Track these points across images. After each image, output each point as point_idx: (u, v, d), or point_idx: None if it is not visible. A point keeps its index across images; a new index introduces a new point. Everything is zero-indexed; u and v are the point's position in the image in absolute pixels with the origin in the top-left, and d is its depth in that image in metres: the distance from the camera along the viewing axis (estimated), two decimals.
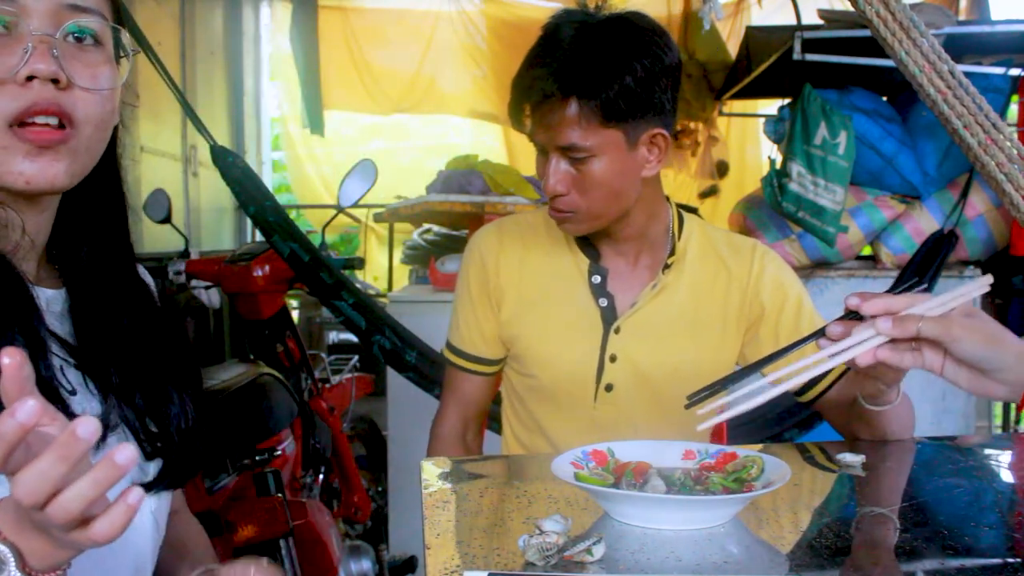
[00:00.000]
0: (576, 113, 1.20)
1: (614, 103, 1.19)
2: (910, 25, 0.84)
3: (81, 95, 0.78)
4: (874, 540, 0.90)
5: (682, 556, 0.82)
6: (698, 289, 1.37)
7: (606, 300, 1.36)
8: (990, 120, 0.83)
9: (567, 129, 1.21)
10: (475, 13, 4.70)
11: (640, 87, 1.20)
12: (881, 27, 0.84)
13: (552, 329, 1.38)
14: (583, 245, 1.39)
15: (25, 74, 0.74)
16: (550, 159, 1.26)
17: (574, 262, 1.39)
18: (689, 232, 1.40)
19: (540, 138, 1.26)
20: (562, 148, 1.23)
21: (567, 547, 0.80)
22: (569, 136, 1.21)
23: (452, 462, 1.18)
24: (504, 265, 1.42)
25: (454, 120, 5.24)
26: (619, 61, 1.20)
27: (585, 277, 1.37)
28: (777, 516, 0.97)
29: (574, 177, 1.25)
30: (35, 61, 0.74)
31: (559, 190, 1.26)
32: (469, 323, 1.44)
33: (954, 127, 0.84)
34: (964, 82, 0.83)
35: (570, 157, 1.24)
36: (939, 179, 2.92)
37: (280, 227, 2.25)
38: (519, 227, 1.45)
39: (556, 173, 1.25)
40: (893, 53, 0.85)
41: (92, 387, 0.84)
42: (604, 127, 1.21)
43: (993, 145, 0.82)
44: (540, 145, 1.27)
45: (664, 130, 1.27)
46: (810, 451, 1.23)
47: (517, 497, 1.04)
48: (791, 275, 1.41)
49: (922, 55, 0.83)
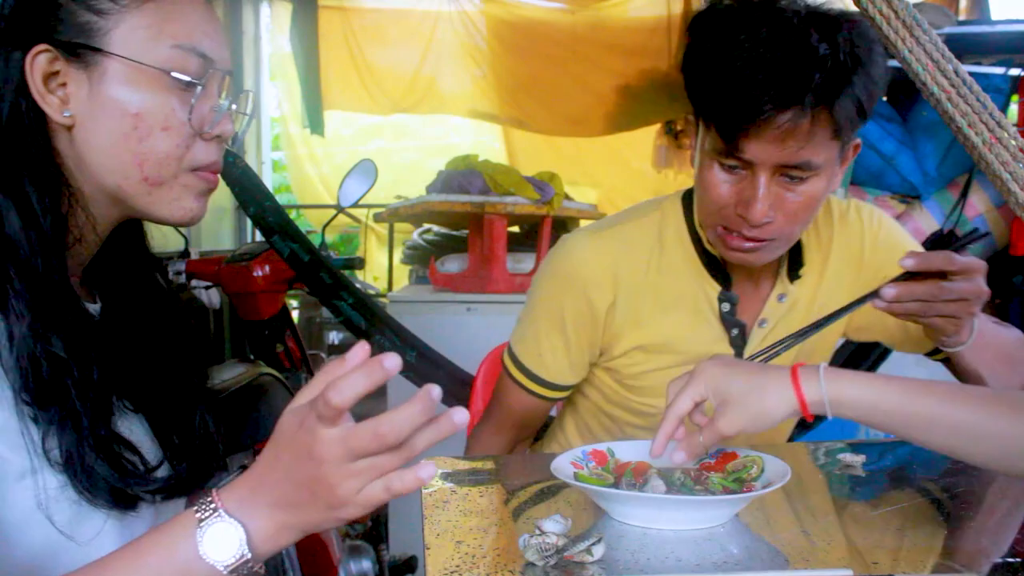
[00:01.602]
0: (820, 125, 1.02)
1: (849, 114, 1.02)
2: (913, 24, 0.84)
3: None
4: (875, 540, 0.89)
5: (682, 556, 0.82)
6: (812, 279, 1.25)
7: (736, 330, 1.22)
8: (994, 118, 0.82)
9: (804, 144, 1.02)
10: (475, 13, 4.70)
11: (871, 96, 1.03)
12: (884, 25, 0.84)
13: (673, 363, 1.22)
14: (712, 268, 1.21)
15: (216, 133, 0.85)
16: (758, 179, 1.05)
17: (701, 288, 1.22)
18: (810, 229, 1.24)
19: (756, 154, 1.04)
20: (787, 166, 1.05)
21: (567, 547, 0.80)
22: (804, 153, 1.03)
23: (452, 462, 1.18)
24: (621, 305, 1.22)
25: (454, 120, 5.23)
26: (864, 58, 1.01)
27: (715, 306, 1.21)
28: (777, 516, 0.96)
29: (785, 200, 1.07)
30: (226, 123, 0.85)
31: (770, 215, 1.07)
32: (556, 352, 1.26)
33: (958, 125, 0.84)
34: (968, 80, 0.83)
35: (788, 176, 1.06)
36: (939, 179, 2.92)
37: (280, 227, 2.25)
38: (626, 243, 1.23)
39: (768, 196, 1.06)
40: (896, 52, 0.85)
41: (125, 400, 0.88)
42: (832, 140, 1.05)
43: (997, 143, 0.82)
44: (747, 161, 1.06)
45: (859, 139, 1.12)
46: (810, 451, 1.23)
47: (517, 497, 1.04)
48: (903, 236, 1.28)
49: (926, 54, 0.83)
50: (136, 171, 0.81)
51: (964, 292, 1.04)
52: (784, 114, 1.00)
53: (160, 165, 0.81)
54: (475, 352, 2.62)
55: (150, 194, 0.83)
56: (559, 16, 4.59)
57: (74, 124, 0.80)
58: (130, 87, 0.79)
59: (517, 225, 3.28)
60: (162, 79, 0.80)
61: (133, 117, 0.79)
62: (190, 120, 0.82)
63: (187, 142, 0.82)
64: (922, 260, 1.03)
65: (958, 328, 1.09)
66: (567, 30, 4.49)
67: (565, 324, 1.25)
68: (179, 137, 0.82)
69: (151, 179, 0.82)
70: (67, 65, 0.79)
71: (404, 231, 4.30)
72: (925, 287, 1.04)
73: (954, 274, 1.04)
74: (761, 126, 1.01)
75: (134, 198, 0.83)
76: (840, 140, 1.06)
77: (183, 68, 0.81)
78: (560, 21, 4.59)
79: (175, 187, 0.83)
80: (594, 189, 4.55)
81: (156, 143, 0.80)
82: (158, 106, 0.80)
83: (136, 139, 0.80)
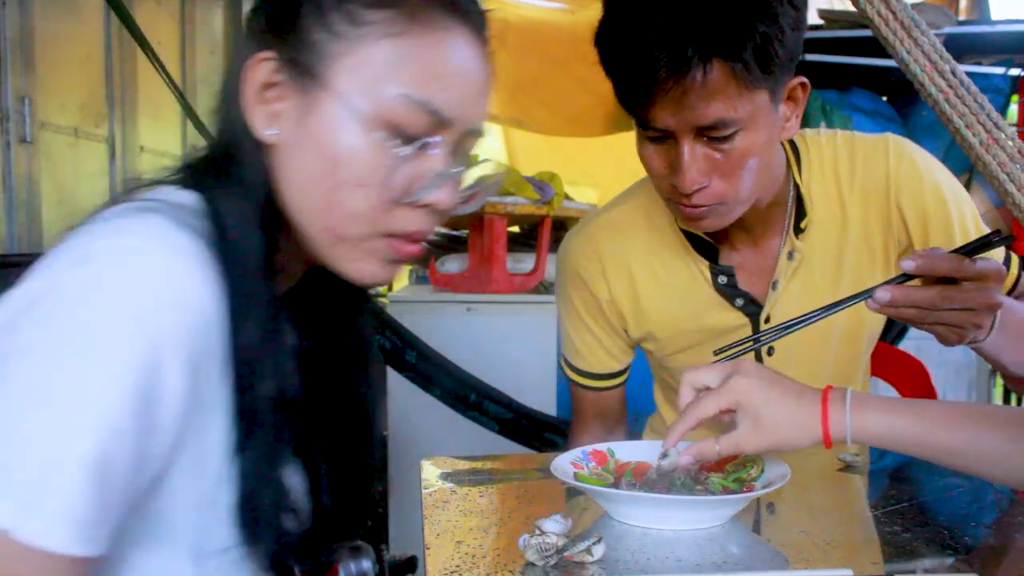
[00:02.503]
0: (721, 81, 0.94)
1: (768, 57, 0.94)
2: (911, 24, 0.84)
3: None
4: (875, 540, 0.89)
5: (682, 556, 0.82)
6: (832, 232, 1.16)
7: (742, 299, 1.18)
8: (992, 119, 0.82)
9: (712, 103, 0.95)
10: None
11: (792, 29, 0.96)
12: (882, 26, 0.84)
13: (692, 342, 1.22)
14: (695, 242, 1.18)
15: (427, 202, 0.71)
16: (681, 147, 1.00)
17: (692, 266, 1.19)
18: (809, 170, 1.16)
19: (667, 121, 0.99)
20: (702, 128, 0.98)
21: (567, 547, 0.80)
22: (714, 111, 0.96)
23: (452, 462, 1.18)
24: (613, 281, 1.23)
25: None
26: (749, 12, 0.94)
27: (709, 282, 1.18)
28: (777, 516, 0.96)
29: (716, 161, 1.01)
30: (444, 192, 0.71)
31: (701, 181, 1.01)
32: (589, 344, 1.28)
33: (956, 126, 0.84)
34: (966, 81, 0.83)
35: (710, 137, 0.99)
36: None
37: None
38: (613, 231, 1.23)
39: (695, 161, 1.00)
40: (894, 52, 0.85)
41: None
42: (751, 90, 0.96)
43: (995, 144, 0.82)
44: (665, 130, 1.00)
45: (803, 77, 1.04)
46: (810, 451, 1.23)
47: (517, 497, 1.04)
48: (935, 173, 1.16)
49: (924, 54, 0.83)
50: (322, 218, 0.70)
51: (971, 302, 0.91)
52: (676, 77, 0.95)
53: (348, 222, 0.70)
54: (475, 352, 2.63)
55: (332, 246, 0.72)
56: (559, 16, 4.59)
57: (276, 145, 0.70)
58: (336, 126, 0.68)
59: (517, 225, 3.28)
60: (373, 128, 0.68)
61: (332, 162, 0.68)
62: (390, 183, 0.69)
63: (386, 205, 0.70)
64: (925, 264, 0.90)
65: (962, 338, 0.96)
66: (567, 30, 4.49)
67: (583, 317, 1.27)
68: (377, 198, 0.69)
69: (335, 231, 0.71)
70: (288, 81, 0.69)
71: None
72: (925, 294, 0.91)
73: (965, 280, 0.91)
74: (659, 93, 0.96)
75: (316, 245, 0.72)
76: (764, 86, 0.97)
77: (407, 123, 0.68)
78: (560, 21, 4.59)
79: (360, 248, 0.72)
80: (594, 189, 4.55)
81: (348, 197, 0.69)
82: (361, 158, 0.68)
83: (330, 186, 0.69)
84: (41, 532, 0.56)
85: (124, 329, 0.59)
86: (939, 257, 0.91)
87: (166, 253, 0.63)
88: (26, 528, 0.56)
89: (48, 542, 0.56)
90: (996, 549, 0.89)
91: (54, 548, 0.57)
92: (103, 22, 2.50)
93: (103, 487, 0.58)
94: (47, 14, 2.18)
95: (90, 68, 2.47)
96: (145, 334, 0.60)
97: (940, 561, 0.84)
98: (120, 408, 0.58)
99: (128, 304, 0.59)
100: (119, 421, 0.58)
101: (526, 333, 2.68)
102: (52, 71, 2.22)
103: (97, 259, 0.61)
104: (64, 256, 0.63)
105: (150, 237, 0.63)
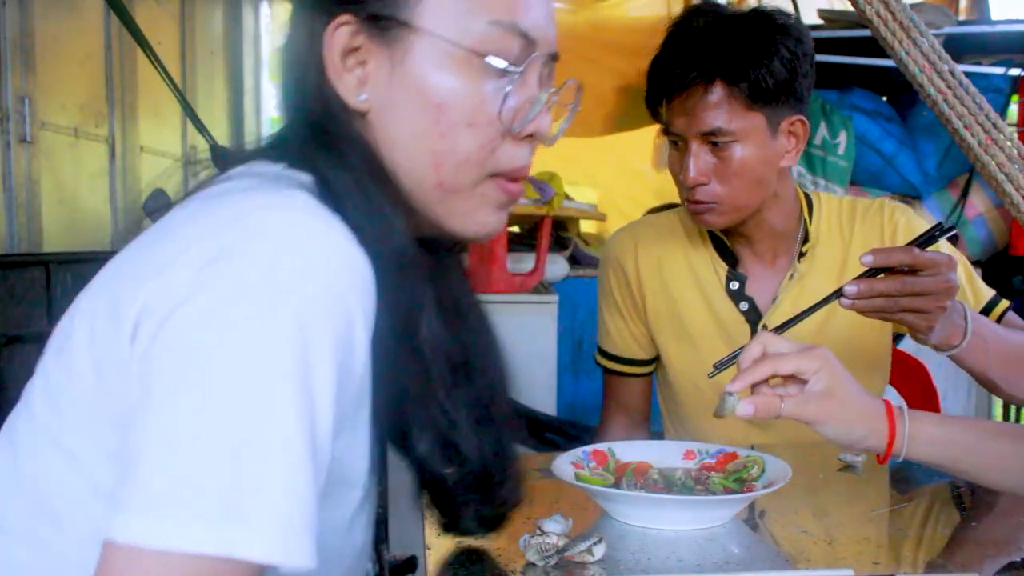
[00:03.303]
0: (721, 97, 1.20)
1: (760, 85, 1.19)
2: (910, 25, 0.84)
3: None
4: (875, 540, 0.89)
5: (682, 556, 0.82)
6: (833, 268, 1.35)
7: (747, 304, 1.35)
8: (990, 120, 0.83)
9: (711, 113, 1.20)
10: None
11: (785, 69, 1.19)
12: (881, 27, 0.84)
13: (693, 338, 1.37)
14: (721, 250, 1.38)
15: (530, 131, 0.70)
16: (689, 148, 1.23)
17: (712, 268, 1.38)
18: (819, 215, 1.37)
19: (680, 126, 1.23)
20: (704, 134, 1.21)
21: (567, 547, 0.80)
22: (713, 120, 1.20)
23: None
24: (644, 269, 1.41)
25: None
26: (764, 43, 1.19)
27: (723, 284, 1.36)
28: (777, 516, 0.97)
29: (715, 165, 1.23)
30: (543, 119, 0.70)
31: (700, 179, 1.23)
32: (619, 327, 1.44)
33: (954, 127, 0.84)
34: (964, 82, 0.83)
35: (712, 143, 1.22)
36: (939, 179, 2.92)
37: None
38: (655, 229, 1.44)
39: (697, 161, 1.23)
40: (893, 53, 0.85)
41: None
42: (748, 111, 1.20)
43: (993, 145, 0.82)
44: (678, 135, 1.25)
45: (803, 117, 1.26)
46: (810, 451, 1.23)
47: None
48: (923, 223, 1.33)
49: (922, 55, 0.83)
50: (432, 174, 0.68)
51: (929, 287, 1.03)
52: (688, 89, 1.21)
53: (459, 168, 0.68)
54: None
55: (443, 202, 0.69)
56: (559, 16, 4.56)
57: (369, 110, 0.67)
58: (436, 71, 0.66)
59: (517, 225, 3.28)
60: (473, 63, 0.66)
61: (436, 108, 0.66)
62: (500, 115, 0.67)
63: (494, 142, 0.68)
64: (882, 256, 1.04)
65: (931, 324, 1.07)
66: (567, 30, 4.49)
67: (616, 299, 1.44)
68: (486, 136, 0.67)
69: (446, 184, 0.68)
70: (369, 41, 0.66)
71: None
72: (887, 283, 1.04)
73: (918, 269, 1.03)
74: (674, 100, 1.23)
75: (426, 206, 0.69)
76: (762, 112, 1.21)
77: (500, 50, 0.66)
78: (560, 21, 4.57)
79: (472, 197, 0.69)
80: (594, 189, 4.55)
81: (458, 141, 0.67)
82: (466, 96, 0.66)
83: (437, 135, 0.66)
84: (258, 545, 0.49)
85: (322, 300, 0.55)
86: (894, 249, 1.06)
87: (333, 225, 0.59)
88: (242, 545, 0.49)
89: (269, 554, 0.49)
90: (996, 550, 0.89)
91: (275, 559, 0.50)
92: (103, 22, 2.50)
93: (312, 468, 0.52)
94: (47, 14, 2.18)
95: (90, 68, 2.46)
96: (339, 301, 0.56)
97: (940, 561, 0.84)
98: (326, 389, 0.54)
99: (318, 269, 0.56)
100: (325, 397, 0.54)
101: (526, 333, 2.68)
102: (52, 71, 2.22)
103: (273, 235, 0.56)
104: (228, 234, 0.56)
105: (311, 214, 0.59)
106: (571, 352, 3.25)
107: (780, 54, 1.19)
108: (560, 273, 3.15)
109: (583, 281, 3.28)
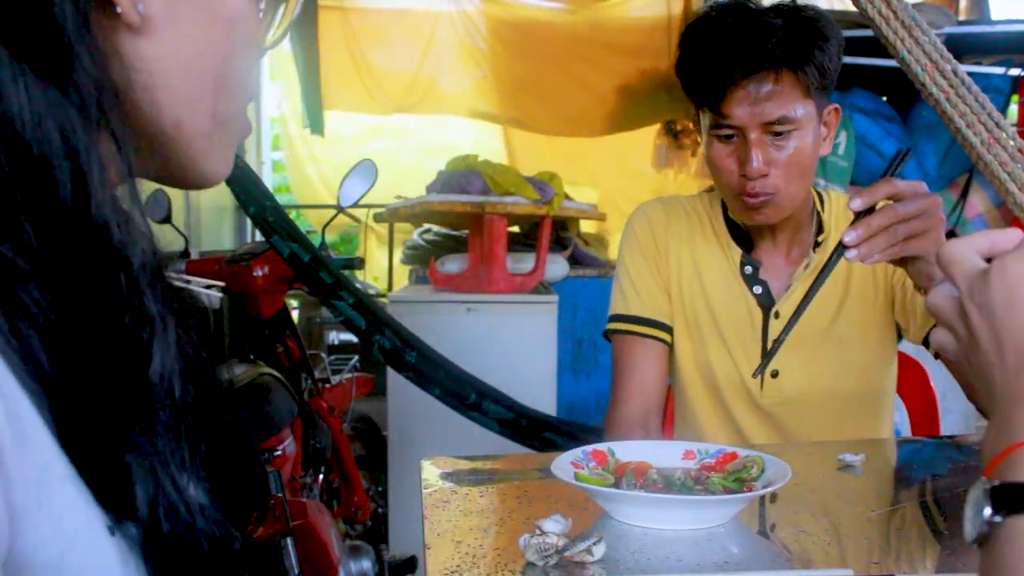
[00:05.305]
0: (786, 85, 1.20)
1: (817, 74, 1.20)
2: (912, 24, 0.84)
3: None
4: (874, 540, 0.89)
5: (682, 556, 0.82)
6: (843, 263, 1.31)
7: (760, 287, 1.37)
8: (993, 119, 0.82)
9: (777, 102, 1.20)
10: (475, 13, 4.69)
11: (835, 59, 1.22)
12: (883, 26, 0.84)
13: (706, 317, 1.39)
14: (736, 234, 1.40)
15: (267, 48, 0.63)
16: (749, 140, 1.23)
17: (726, 251, 1.40)
18: (830, 207, 1.40)
19: (740, 117, 1.22)
20: (768, 123, 1.21)
21: (567, 547, 0.80)
22: (779, 109, 1.20)
23: (452, 462, 1.18)
24: (673, 237, 1.43)
25: (454, 120, 5.23)
26: (820, 30, 1.20)
27: (737, 268, 1.38)
28: (777, 516, 0.96)
29: (775, 155, 1.23)
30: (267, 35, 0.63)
31: (764, 170, 1.23)
32: (648, 285, 1.43)
33: (957, 126, 0.84)
34: (967, 81, 0.83)
35: (773, 133, 1.22)
36: (939, 179, 2.92)
37: (280, 227, 2.25)
38: (683, 206, 1.46)
39: (761, 151, 1.22)
40: (895, 52, 0.85)
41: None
42: (806, 98, 1.22)
43: (996, 144, 0.82)
44: (736, 127, 1.24)
45: (837, 104, 1.28)
46: (810, 451, 1.23)
47: (517, 497, 1.04)
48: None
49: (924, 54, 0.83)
50: (209, 101, 0.57)
51: (919, 207, 1.05)
52: (753, 77, 1.19)
53: (235, 95, 0.59)
54: (475, 352, 2.63)
55: (208, 137, 0.58)
56: (559, 16, 4.59)
57: (143, 27, 0.55)
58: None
59: (517, 225, 3.28)
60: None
61: (225, 23, 0.56)
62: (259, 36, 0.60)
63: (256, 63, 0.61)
64: (868, 196, 1.06)
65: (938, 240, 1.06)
66: (567, 30, 4.49)
67: (645, 254, 1.44)
68: (256, 55, 0.60)
69: (220, 114, 0.58)
70: None
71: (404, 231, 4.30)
72: (879, 216, 1.05)
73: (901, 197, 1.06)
74: (736, 90, 1.21)
75: (186, 143, 0.57)
76: (814, 100, 1.23)
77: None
78: (560, 21, 4.59)
79: (231, 132, 0.60)
80: (594, 189, 4.55)
81: (239, 63, 0.58)
82: (252, 13, 0.58)
83: (221, 56, 0.57)
84: None
85: None
86: (875, 186, 1.07)
87: None
88: None
89: None
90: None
91: None
92: None
93: None
94: None
95: None
96: None
97: (941, 561, 0.84)
98: None
99: None
100: None
101: (526, 333, 2.68)
102: None
103: None
104: None
105: None
106: (571, 352, 3.25)
107: (832, 40, 1.21)
108: (560, 273, 3.15)
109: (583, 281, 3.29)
